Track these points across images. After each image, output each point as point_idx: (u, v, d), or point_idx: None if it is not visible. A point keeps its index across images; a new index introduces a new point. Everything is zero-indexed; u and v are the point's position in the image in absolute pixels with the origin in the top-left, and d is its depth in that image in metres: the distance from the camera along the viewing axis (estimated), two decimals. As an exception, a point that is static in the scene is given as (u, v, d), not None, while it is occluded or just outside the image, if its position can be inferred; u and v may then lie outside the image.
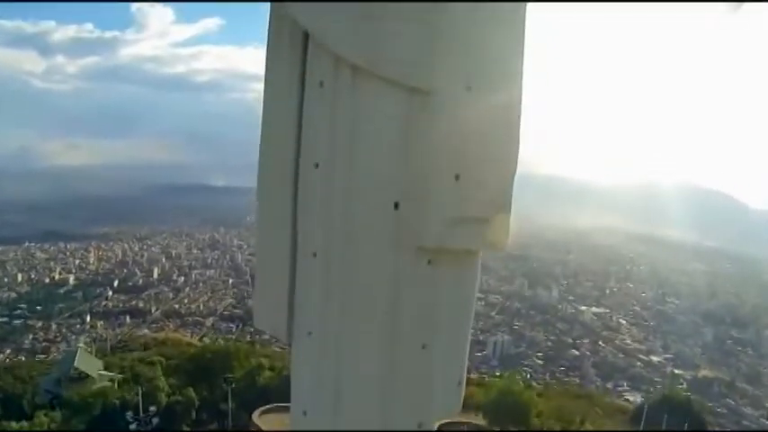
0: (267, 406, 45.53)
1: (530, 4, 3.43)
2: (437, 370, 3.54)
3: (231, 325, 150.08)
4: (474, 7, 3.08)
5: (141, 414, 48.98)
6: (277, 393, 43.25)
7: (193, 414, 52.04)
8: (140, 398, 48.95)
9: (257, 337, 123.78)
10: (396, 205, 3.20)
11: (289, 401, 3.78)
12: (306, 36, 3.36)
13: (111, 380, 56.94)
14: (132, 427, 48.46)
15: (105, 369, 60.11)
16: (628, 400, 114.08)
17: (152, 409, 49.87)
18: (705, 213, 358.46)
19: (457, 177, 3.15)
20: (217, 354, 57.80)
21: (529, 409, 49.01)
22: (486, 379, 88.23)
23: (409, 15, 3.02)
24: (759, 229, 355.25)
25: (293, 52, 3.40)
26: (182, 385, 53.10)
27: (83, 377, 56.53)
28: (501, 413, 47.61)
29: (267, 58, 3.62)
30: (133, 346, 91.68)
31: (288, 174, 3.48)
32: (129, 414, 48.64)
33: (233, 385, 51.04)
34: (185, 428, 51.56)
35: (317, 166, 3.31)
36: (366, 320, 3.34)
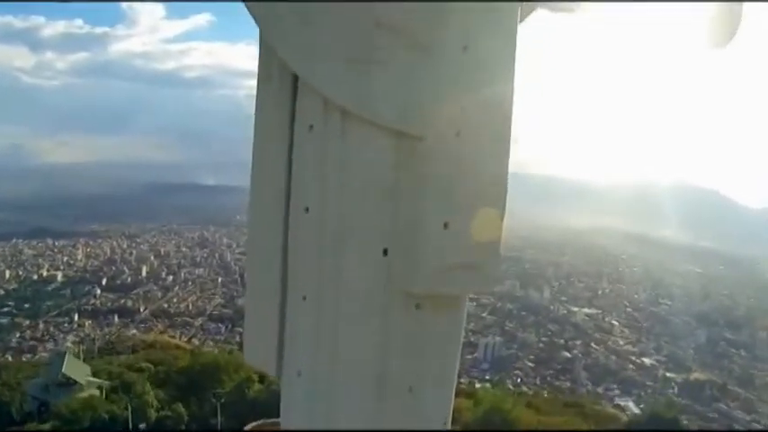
0: (257, 422, 44.38)
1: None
2: (423, 412, 3.59)
3: (221, 325, 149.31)
4: (464, 53, 3.07)
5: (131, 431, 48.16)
6: (266, 407, 42.14)
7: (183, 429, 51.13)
8: (130, 414, 48.16)
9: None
10: (384, 252, 3.25)
11: (278, 416, 3.81)
12: (295, 78, 3.36)
13: (100, 387, 55.74)
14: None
15: (93, 375, 59.28)
16: (619, 405, 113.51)
17: (141, 426, 49.29)
18: (700, 213, 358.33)
19: (446, 225, 3.17)
20: (206, 366, 57.02)
21: (517, 428, 47.78)
22: (477, 386, 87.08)
23: (399, 60, 3.03)
24: (755, 229, 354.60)
25: (282, 94, 3.40)
26: (171, 399, 52.48)
27: (71, 383, 55.68)
28: (489, 432, 46.68)
29: (257, 100, 3.60)
30: (121, 349, 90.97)
31: (278, 217, 3.51)
32: None
33: (222, 400, 50.33)
34: (175, 445, 50.40)
35: (306, 210, 3.34)
36: (354, 363, 3.39)
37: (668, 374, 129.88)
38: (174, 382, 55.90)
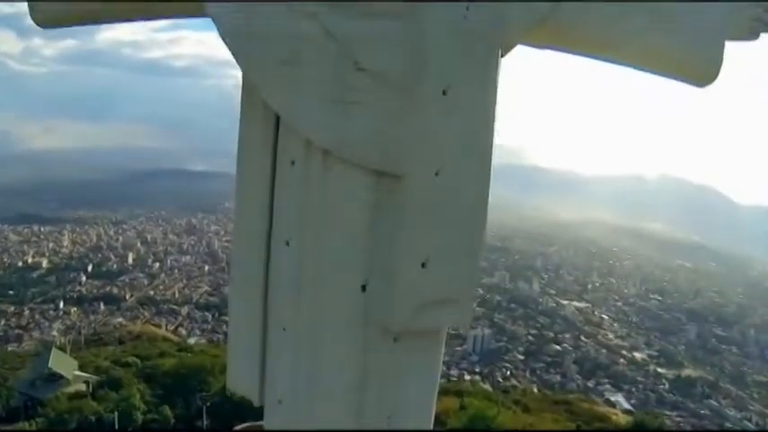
0: (243, 425, 43.48)
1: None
2: None
3: (207, 314, 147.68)
4: (445, 95, 3.13)
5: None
6: (252, 409, 41.04)
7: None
8: (116, 420, 47.36)
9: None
10: (363, 287, 3.31)
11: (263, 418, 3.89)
12: (278, 114, 3.40)
13: (87, 381, 55.53)
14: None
15: (80, 368, 59.31)
16: (609, 400, 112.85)
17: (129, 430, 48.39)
18: (693, 209, 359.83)
19: (424, 264, 3.23)
20: (192, 368, 56.35)
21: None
22: (467, 378, 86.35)
23: (379, 101, 3.10)
24: (746, 226, 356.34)
25: (265, 129, 3.45)
26: (157, 402, 51.85)
27: (58, 378, 55.61)
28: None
29: (240, 134, 3.63)
30: (108, 340, 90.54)
31: (260, 249, 3.56)
32: None
33: (208, 403, 50.05)
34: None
35: (287, 243, 3.40)
36: (333, 392, 3.46)
37: (659, 370, 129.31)
38: (160, 383, 55.17)
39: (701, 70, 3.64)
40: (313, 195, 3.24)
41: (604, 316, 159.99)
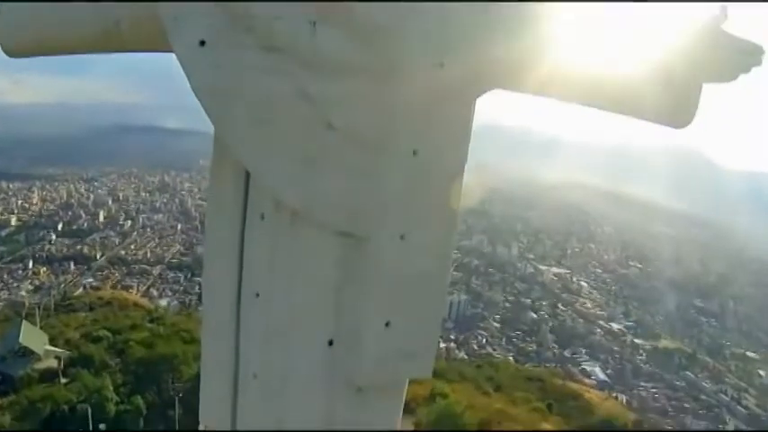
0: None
1: None
2: None
3: (179, 274, 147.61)
4: (414, 156, 3.20)
5: (92, 432, 49.29)
6: None
7: (141, 423, 52.34)
8: (90, 417, 48.33)
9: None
10: (330, 342, 3.42)
11: None
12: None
13: (58, 357, 56.90)
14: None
15: (51, 342, 60.95)
16: (585, 370, 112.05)
17: (101, 426, 49.85)
18: (676, 173, 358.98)
19: (387, 324, 3.35)
20: (164, 356, 57.11)
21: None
22: (443, 346, 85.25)
23: (348, 161, 3.16)
24: (730, 191, 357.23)
25: (236, 181, 3.48)
26: (129, 392, 53.13)
27: (29, 353, 56.95)
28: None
29: (210, 185, 3.72)
30: (78, 305, 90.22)
31: (230, 299, 3.60)
32: None
33: (180, 395, 51.21)
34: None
35: (257, 295, 3.44)
36: None
37: (636, 341, 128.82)
38: (132, 372, 56.20)
39: (678, 114, 3.72)
40: (281, 250, 3.30)
41: (583, 283, 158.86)
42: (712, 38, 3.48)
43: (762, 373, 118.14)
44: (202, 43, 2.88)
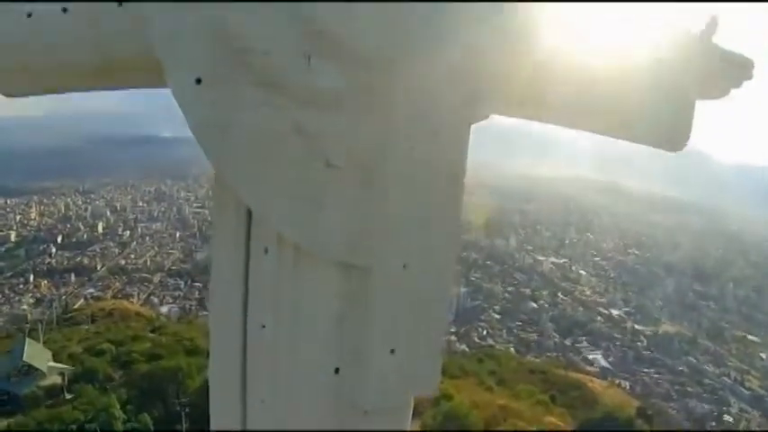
0: None
1: None
2: None
3: (179, 281, 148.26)
4: (413, 188, 3.23)
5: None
6: None
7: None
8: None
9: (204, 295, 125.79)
10: (336, 370, 3.44)
11: None
12: None
13: (62, 373, 57.23)
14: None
15: (54, 357, 60.78)
16: (587, 358, 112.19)
17: None
18: (671, 165, 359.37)
19: (392, 351, 3.39)
20: (169, 370, 57.26)
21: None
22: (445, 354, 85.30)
23: (348, 196, 3.16)
24: (727, 185, 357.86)
25: (238, 217, 3.49)
26: (136, 409, 52.51)
27: (33, 371, 56.74)
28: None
29: (212, 220, 3.80)
30: (80, 318, 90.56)
31: (237, 331, 3.62)
32: None
33: (186, 410, 51.34)
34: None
35: (263, 326, 3.47)
36: None
37: (637, 327, 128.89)
38: (136, 386, 56.00)
39: (674, 134, 3.73)
40: (285, 283, 3.32)
41: (582, 272, 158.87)
42: (704, 54, 3.55)
43: (763, 355, 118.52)
44: (198, 81, 2.91)
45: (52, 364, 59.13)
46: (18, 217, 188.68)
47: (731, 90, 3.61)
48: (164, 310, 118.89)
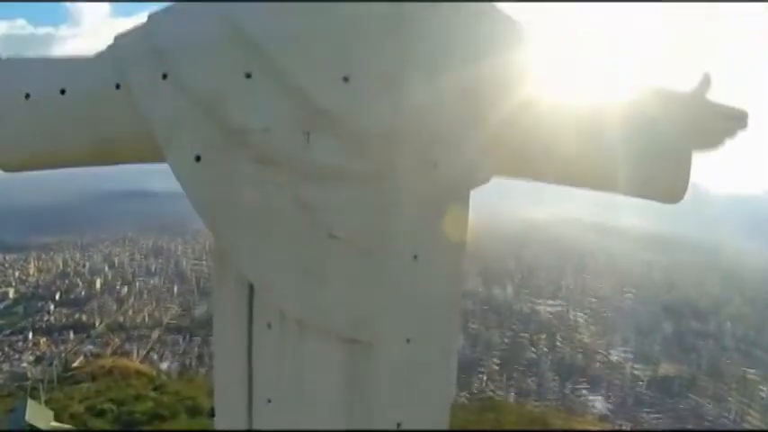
0: None
1: None
2: None
3: (178, 336, 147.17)
4: (415, 259, 3.22)
5: None
6: None
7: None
8: None
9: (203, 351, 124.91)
10: None
11: None
12: None
13: None
14: None
15: (56, 417, 58.73)
16: (587, 403, 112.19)
17: None
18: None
19: (399, 425, 3.37)
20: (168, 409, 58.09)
21: None
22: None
23: (350, 269, 3.18)
24: (720, 216, 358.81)
25: (240, 292, 3.48)
26: None
27: None
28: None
29: (214, 295, 3.72)
30: (80, 376, 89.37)
31: (242, 405, 3.61)
32: None
33: None
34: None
35: (269, 401, 3.47)
36: None
37: (636, 370, 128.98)
38: None
39: (673, 188, 3.74)
40: (289, 357, 3.32)
41: (580, 316, 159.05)
42: (699, 108, 3.60)
43: (763, 393, 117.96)
44: (198, 159, 2.97)
45: (55, 424, 57.83)
46: (17, 273, 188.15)
47: (725, 141, 3.65)
48: (164, 366, 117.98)
